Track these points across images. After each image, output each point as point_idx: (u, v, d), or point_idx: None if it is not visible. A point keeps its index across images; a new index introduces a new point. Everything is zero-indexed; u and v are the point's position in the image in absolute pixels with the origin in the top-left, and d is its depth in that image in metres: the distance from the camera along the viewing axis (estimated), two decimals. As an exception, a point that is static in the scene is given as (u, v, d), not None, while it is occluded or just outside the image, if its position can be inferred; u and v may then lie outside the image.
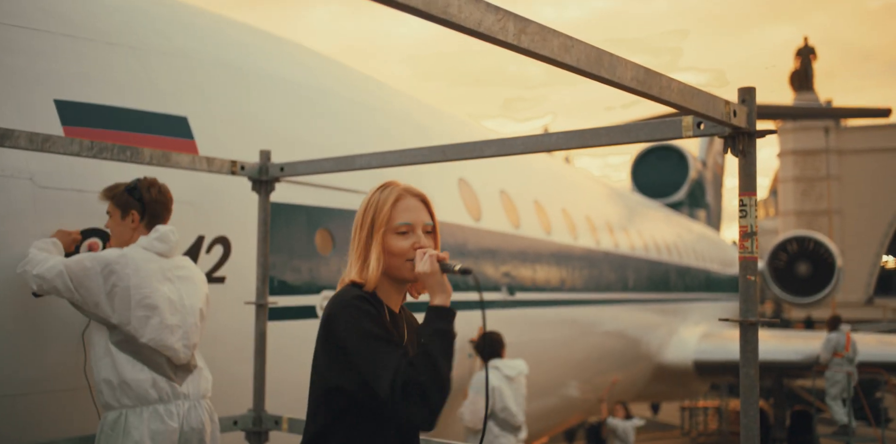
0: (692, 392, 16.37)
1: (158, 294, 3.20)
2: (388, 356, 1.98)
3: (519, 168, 8.24)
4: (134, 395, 3.14)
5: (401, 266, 2.16)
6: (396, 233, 2.16)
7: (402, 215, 2.17)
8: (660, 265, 12.60)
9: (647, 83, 2.04)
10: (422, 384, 1.92)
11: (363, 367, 1.99)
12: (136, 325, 3.15)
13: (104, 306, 3.14)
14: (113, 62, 3.88)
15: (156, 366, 3.19)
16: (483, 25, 1.56)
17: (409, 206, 2.20)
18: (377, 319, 2.05)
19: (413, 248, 2.14)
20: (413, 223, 2.18)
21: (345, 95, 5.71)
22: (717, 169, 25.11)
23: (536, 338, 7.61)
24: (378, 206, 2.17)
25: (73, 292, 3.12)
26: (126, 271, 3.16)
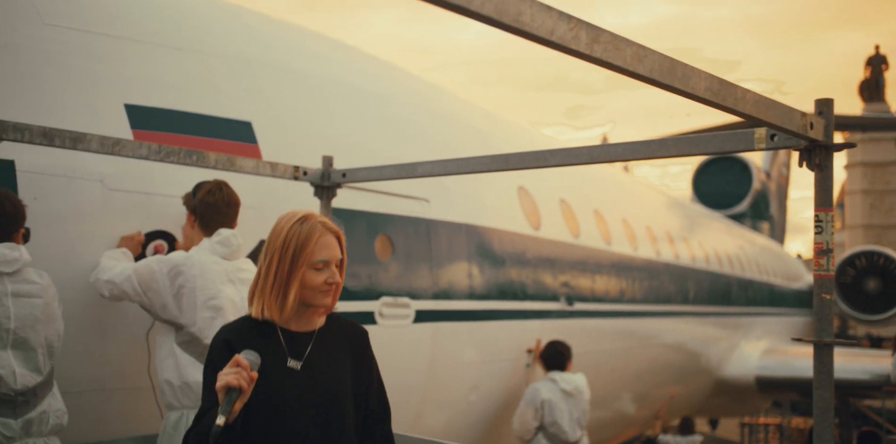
0: (753, 409, 15.96)
1: (223, 296, 3.24)
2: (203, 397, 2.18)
3: (579, 177, 8.15)
4: (194, 396, 3.17)
5: (314, 296, 2.25)
6: (314, 268, 2.24)
7: (320, 252, 2.25)
8: (721, 278, 12.33)
9: (721, 94, 1.98)
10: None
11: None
12: (201, 326, 3.19)
13: (171, 308, 3.19)
14: (180, 67, 3.94)
15: None
16: (555, 34, 1.53)
17: (328, 243, 2.27)
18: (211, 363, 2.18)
19: (326, 283, 2.24)
20: (329, 260, 2.26)
21: (406, 100, 5.71)
22: (781, 180, 24.51)
23: (594, 349, 7.50)
24: (301, 241, 2.24)
25: (141, 295, 3.18)
26: (192, 273, 3.21)
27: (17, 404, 2.70)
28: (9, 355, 2.70)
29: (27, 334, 2.75)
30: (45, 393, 2.82)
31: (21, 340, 2.73)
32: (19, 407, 2.71)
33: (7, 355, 2.70)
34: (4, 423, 2.65)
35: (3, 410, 2.67)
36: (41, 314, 2.81)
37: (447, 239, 5.28)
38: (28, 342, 2.75)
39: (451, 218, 5.36)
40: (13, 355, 2.72)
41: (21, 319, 2.74)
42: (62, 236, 3.25)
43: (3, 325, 2.69)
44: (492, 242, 5.82)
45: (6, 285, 2.74)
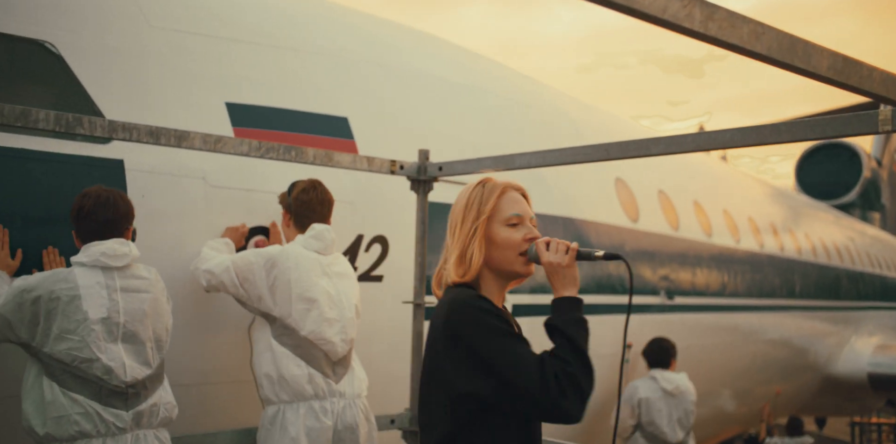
0: (864, 408, 15.24)
1: (318, 288, 3.27)
2: (527, 352, 1.93)
3: (677, 168, 7.92)
4: (291, 390, 3.21)
5: (513, 260, 2.08)
6: (507, 225, 2.08)
7: (511, 207, 2.10)
8: (829, 270, 11.80)
9: (846, 72, 1.85)
10: (573, 375, 1.88)
11: (503, 367, 1.90)
12: (296, 317, 3.22)
13: (267, 300, 3.24)
14: (278, 65, 3.99)
15: (314, 361, 3.24)
16: (668, 12, 1.45)
17: (516, 198, 2.13)
18: (502, 316, 1.99)
19: (525, 239, 2.07)
20: (523, 215, 2.10)
21: (499, 92, 5.65)
22: (894, 167, 23.29)
23: (695, 344, 7.28)
24: (482, 199, 2.10)
25: (238, 287, 3.23)
26: (287, 265, 3.25)
27: (129, 396, 2.78)
28: (119, 349, 2.78)
29: (136, 328, 2.82)
30: (155, 386, 2.89)
31: (130, 333, 2.81)
32: (130, 399, 2.78)
33: (118, 348, 2.77)
34: (116, 414, 2.73)
35: (115, 401, 2.75)
36: (149, 309, 2.88)
37: (544, 232, 5.18)
38: (137, 336, 2.83)
39: (548, 211, 5.28)
40: (123, 348, 2.79)
41: (130, 313, 2.81)
42: (167, 232, 3.33)
43: (113, 319, 2.77)
44: (589, 234, 5.71)
45: (115, 280, 2.82)
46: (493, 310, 1.98)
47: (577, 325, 1.98)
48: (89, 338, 2.70)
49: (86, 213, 2.84)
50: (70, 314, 2.71)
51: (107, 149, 3.20)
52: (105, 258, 2.80)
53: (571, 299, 2.02)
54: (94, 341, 2.71)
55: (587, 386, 1.89)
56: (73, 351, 2.69)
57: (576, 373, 1.88)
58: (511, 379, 1.88)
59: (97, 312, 2.74)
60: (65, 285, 2.73)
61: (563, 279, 2.04)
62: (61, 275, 2.76)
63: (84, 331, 2.70)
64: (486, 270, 2.09)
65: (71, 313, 2.71)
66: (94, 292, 2.75)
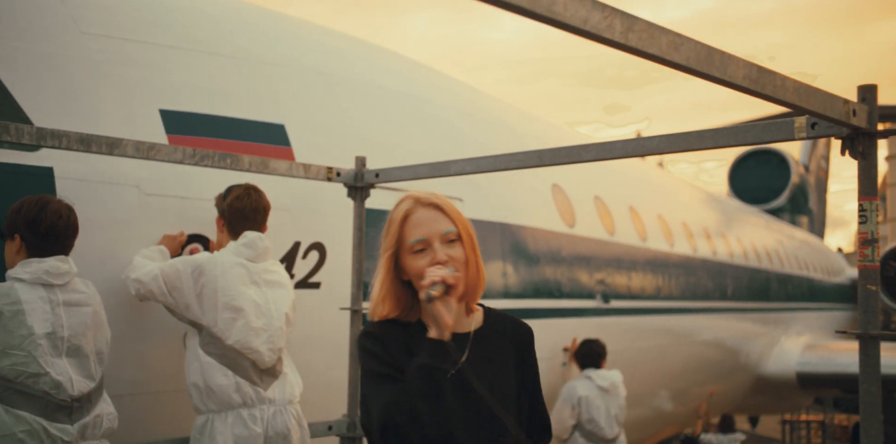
0: (794, 406, 15.70)
1: (244, 297, 3.26)
2: (379, 395, 1.86)
3: (613, 174, 8.08)
4: (218, 400, 3.20)
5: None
6: (412, 252, 1.93)
7: (413, 232, 1.93)
8: (760, 273, 12.15)
9: (760, 82, 1.94)
10: (399, 425, 1.80)
11: (365, 407, 1.93)
12: (222, 327, 3.21)
13: (194, 308, 3.22)
14: (214, 72, 3.97)
15: (241, 370, 3.23)
16: (589, 24, 1.50)
17: (421, 219, 1.94)
18: (379, 356, 1.91)
19: (430, 264, 1.90)
20: (427, 238, 1.92)
21: (438, 100, 5.70)
22: (820, 173, 24.09)
23: (631, 347, 7.43)
24: (390, 226, 1.97)
25: (166, 295, 3.21)
26: (214, 273, 3.24)
27: (73, 409, 2.76)
28: (65, 363, 2.77)
29: (80, 342, 2.82)
30: (97, 398, 2.88)
31: (75, 347, 2.80)
32: (75, 413, 2.77)
33: (63, 363, 2.76)
34: (62, 428, 2.71)
35: (60, 416, 2.73)
36: (91, 322, 2.87)
37: (481, 238, 5.23)
38: (81, 350, 2.82)
39: (486, 217, 5.34)
40: (68, 362, 2.78)
41: (73, 327, 2.80)
42: (100, 241, 3.28)
43: (58, 333, 2.75)
44: (526, 240, 5.79)
45: (58, 295, 2.80)
46: (371, 348, 1.92)
47: (419, 372, 1.82)
48: (36, 353, 2.68)
49: (45, 227, 2.79)
50: (13, 329, 2.67)
51: (35, 157, 3.14)
52: (48, 277, 2.78)
53: (430, 342, 1.86)
54: (41, 356, 2.69)
55: (412, 433, 1.80)
56: (19, 366, 2.65)
57: (401, 423, 1.80)
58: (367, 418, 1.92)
59: (42, 327, 2.72)
60: (6, 300, 2.70)
61: (427, 317, 1.90)
62: (2, 290, 2.72)
63: (30, 346, 2.68)
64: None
65: (14, 329, 2.67)
66: (37, 306, 2.73)
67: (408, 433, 1.80)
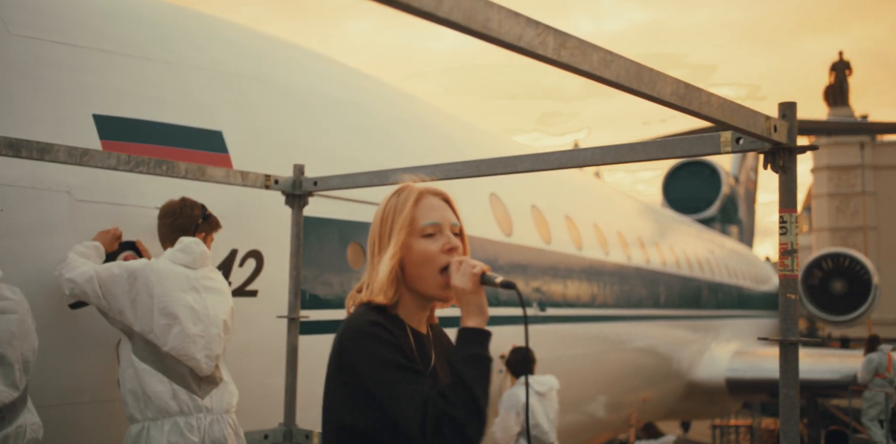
0: (724, 411, 16.11)
1: (180, 303, 3.23)
2: (413, 389, 1.73)
3: (550, 183, 8.20)
4: (155, 407, 3.15)
5: (430, 279, 1.87)
6: (422, 236, 1.87)
7: (426, 215, 1.89)
8: (691, 281, 12.46)
9: (687, 98, 2.02)
10: (457, 419, 1.68)
11: (385, 402, 1.73)
12: (158, 333, 3.18)
13: (128, 314, 3.18)
14: (149, 77, 3.93)
15: (178, 377, 3.20)
16: (523, 40, 1.55)
17: (433, 204, 1.92)
18: (397, 346, 1.79)
19: (443, 250, 1.86)
20: (440, 223, 1.89)
21: (377, 109, 5.73)
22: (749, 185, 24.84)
23: (567, 354, 7.54)
24: (397, 209, 1.90)
25: (100, 298, 3.16)
26: (150, 279, 3.21)
27: None
28: None
29: (4, 351, 2.74)
30: (20, 408, 2.80)
31: None
32: None
33: None
34: None
35: None
36: (16, 330, 2.79)
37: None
38: (5, 358, 2.74)
39: (423, 225, 5.36)
40: None
41: None
42: (29, 248, 3.21)
43: None
44: (464, 248, 5.83)
45: None
46: (386, 338, 1.78)
47: (473, 363, 1.75)
48: None
49: None
50: None
51: (-37, 161, 3.06)
52: None
53: (473, 330, 1.80)
54: None
55: (473, 431, 1.70)
56: None
57: (460, 417, 1.68)
58: (392, 416, 1.72)
59: None
60: None
61: (467, 307, 1.82)
62: None
63: None
64: (405, 288, 1.91)
65: None
66: None
67: (469, 425, 1.69)
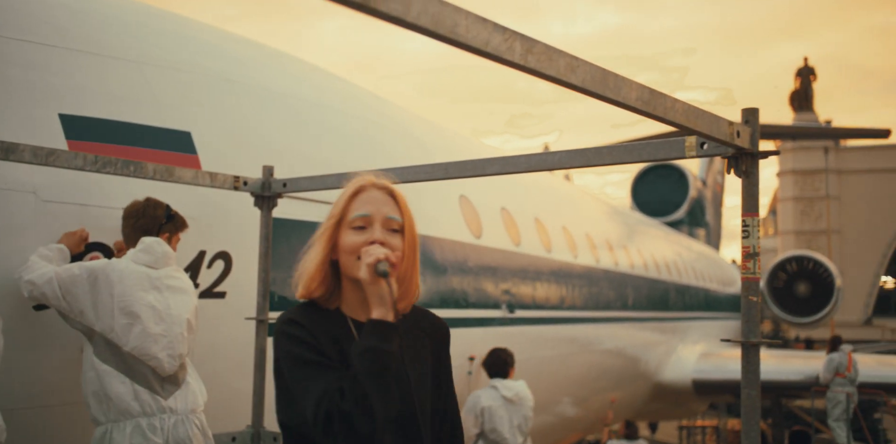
0: (690, 412, 16.30)
1: (141, 303, 3.20)
2: (315, 383, 1.74)
3: (520, 186, 8.25)
4: (116, 409, 3.13)
5: (352, 266, 1.85)
6: (352, 228, 1.87)
7: (359, 207, 1.89)
8: (659, 284, 12.58)
9: (652, 103, 2.05)
10: (347, 413, 1.67)
11: (297, 398, 1.78)
12: (119, 332, 3.15)
13: (89, 314, 3.15)
14: (117, 76, 3.90)
15: (140, 378, 3.17)
16: (490, 45, 1.57)
17: (372, 198, 1.91)
18: (308, 342, 1.80)
19: (367, 243, 1.84)
20: (371, 215, 1.87)
21: (347, 110, 5.73)
22: (716, 188, 25.15)
23: (536, 356, 7.58)
24: (336, 202, 1.93)
25: (60, 299, 3.13)
26: (110, 279, 3.18)
27: None
28: None
29: None
30: None
31: None
32: None
33: None
34: None
35: None
36: None
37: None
38: None
39: (393, 227, 5.37)
40: None
41: None
42: (-6, 248, 3.17)
43: None
44: (433, 250, 5.86)
45: None
46: (299, 335, 1.81)
47: (368, 356, 1.72)
48: None
49: None
50: None
51: (-75, 160, 3.02)
52: None
53: (374, 322, 1.77)
54: None
55: (361, 425, 1.68)
56: None
57: (348, 409, 1.67)
58: (304, 412, 1.75)
59: None
60: None
61: (370, 297, 1.79)
62: None
63: None
64: (346, 281, 1.92)
65: None
66: None
67: (357, 420, 1.68)
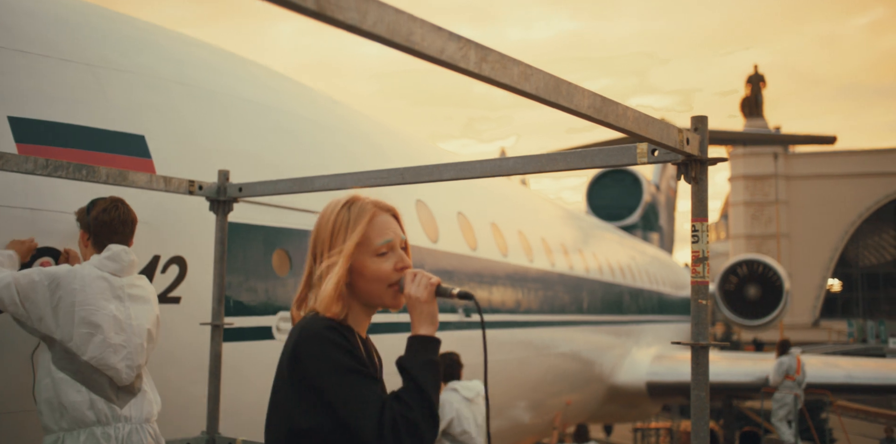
0: (645, 414, 16.51)
1: (103, 312, 3.15)
2: (369, 392, 1.83)
3: (476, 190, 8.30)
4: (71, 418, 3.08)
5: (382, 293, 1.99)
6: (376, 255, 1.98)
7: (381, 234, 2.00)
8: (614, 287, 12.74)
9: (604, 111, 2.09)
10: (414, 421, 1.79)
11: (341, 406, 1.81)
12: (78, 342, 3.10)
13: (48, 321, 3.10)
14: (69, 79, 3.84)
15: (96, 387, 3.13)
16: (445, 54, 1.60)
17: (386, 222, 2.03)
18: (351, 351, 1.87)
19: (396, 269, 1.98)
20: (393, 240, 2.01)
21: (304, 115, 5.71)
22: (670, 193, 25.54)
23: (492, 359, 7.61)
24: (349, 224, 1.98)
25: (18, 305, 3.07)
26: (72, 287, 3.12)
27: None
28: None
29: None
30: None
31: None
32: None
33: None
34: None
35: None
36: None
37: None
38: None
39: (350, 231, 5.37)
40: None
41: None
42: (-60, 253, 3.11)
43: None
44: (390, 255, 5.86)
45: None
46: (343, 344, 1.87)
47: (427, 368, 1.88)
48: None
49: None
50: None
51: None
52: None
53: (426, 338, 1.93)
54: None
55: (428, 433, 1.81)
56: None
57: (416, 419, 1.79)
58: (349, 420, 1.81)
59: None
60: None
61: (420, 315, 1.95)
62: None
63: None
64: (354, 299, 2.00)
65: None
66: None
67: (423, 428, 1.80)
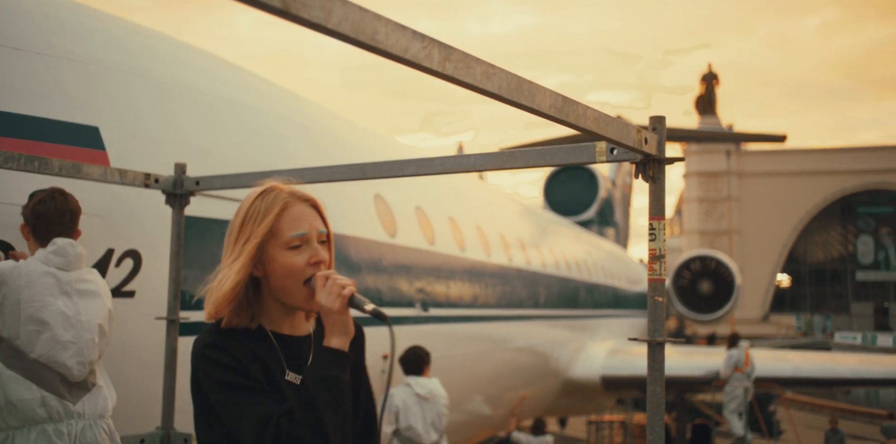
0: (599, 407, 16.72)
1: (50, 309, 3.08)
2: (250, 408, 1.73)
3: (435, 185, 8.31)
4: (21, 416, 3.02)
5: (295, 291, 1.84)
6: (288, 247, 1.82)
7: (293, 225, 1.84)
8: (570, 282, 12.86)
9: (565, 111, 2.12)
10: (300, 439, 1.68)
11: (227, 423, 1.76)
12: (25, 340, 3.03)
13: None
14: (20, 68, 3.76)
15: (46, 384, 3.07)
16: (409, 53, 1.60)
17: (301, 213, 1.87)
18: (233, 367, 1.77)
19: (309, 263, 1.83)
20: (308, 233, 1.85)
21: (263, 108, 5.66)
22: (625, 189, 25.84)
23: (449, 354, 7.66)
24: (259, 216, 1.83)
25: None
26: (17, 284, 3.05)
27: None
28: None
29: None
30: None
31: None
32: None
33: None
34: None
35: None
36: None
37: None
38: None
39: (308, 226, 5.35)
40: None
41: None
42: None
43: None
44: (348, 249, 5.85)
45: None
46: (224, 360, 1.77)
47: (327, 385, 1.74)
48: None
49: None
50: None
51: None
52: None
53: (333, 351, 1.79)
54: None
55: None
56: None
57: (303, 438, 1.69)
58: (234, 436, 1.75)
59: None
60: None
61: (333, 326, 1.81)
62: None
63: None
64: (269, 297, 1.88)
65: None
66: None
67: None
